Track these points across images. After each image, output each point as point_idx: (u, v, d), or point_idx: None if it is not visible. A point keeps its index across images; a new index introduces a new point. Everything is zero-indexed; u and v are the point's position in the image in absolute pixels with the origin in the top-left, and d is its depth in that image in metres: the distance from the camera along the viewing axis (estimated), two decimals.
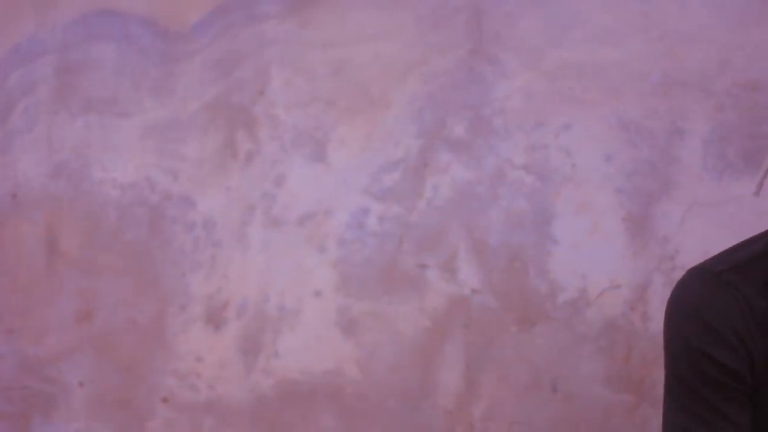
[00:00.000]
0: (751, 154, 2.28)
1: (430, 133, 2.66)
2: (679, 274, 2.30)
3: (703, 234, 2.32)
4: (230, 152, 2.90)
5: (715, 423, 1.45)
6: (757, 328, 1.44)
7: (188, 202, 2.95)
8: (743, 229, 2.27)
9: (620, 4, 2.43)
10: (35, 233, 3.17)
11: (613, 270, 2.43)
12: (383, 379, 2.69)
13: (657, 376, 2.34)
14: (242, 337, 2.86)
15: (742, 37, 2.30)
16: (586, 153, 2.47)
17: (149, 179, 3.00)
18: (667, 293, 2.29)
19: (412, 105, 2.68)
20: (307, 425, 2.77)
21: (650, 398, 2.37)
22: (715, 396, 1.45)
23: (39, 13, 3.20)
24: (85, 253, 3.09)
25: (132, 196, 3.02)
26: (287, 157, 2.82)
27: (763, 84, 2.27)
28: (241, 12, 2.91)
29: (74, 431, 3.07)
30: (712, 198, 2.32)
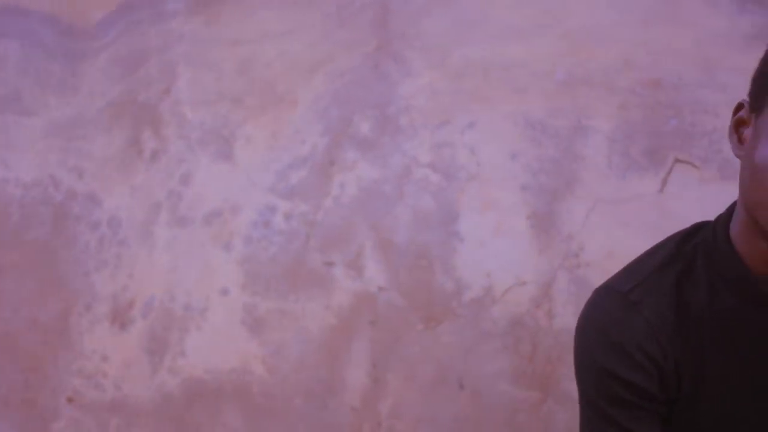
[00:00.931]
0: (655, 151, 2.27)
1: (336, 131, 2.62)
2: (583, 271, 2.28)
3: (608, 231, 2.30)
4: (136, 150, 2.82)
5: None
6: (668, 342, 1.41)
7: (93, 200, 2.87)
8: (647, 226, 2.25)
9: (525, 3, 2.41)
10: None
11: (519, 267, 2.42)
12: (290, 377, 2.64)
13: (562, 372, 2.34)
14: (148, 336, 2.80)
15: (645, 35, 2.29)
16: (491, 151, 2.46)
17: (53, 178, 2.91)
18: (572, 290, 2.27)
19: (318, 103, 2.64)
20: (214, 424, 2.71)
21: (555, 395, 2.35)
22: (622, 415, 1.42)
23: None
24: None
25: (36, 194, 2.93)
26: (193, 155, 2.75)
27: (666, 82, 2.26)
28: (146, 9, 2.86)
29: None
30: (616, 195, 2.30)
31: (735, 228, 1.38)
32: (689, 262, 1.43)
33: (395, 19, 2.56)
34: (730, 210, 1.41)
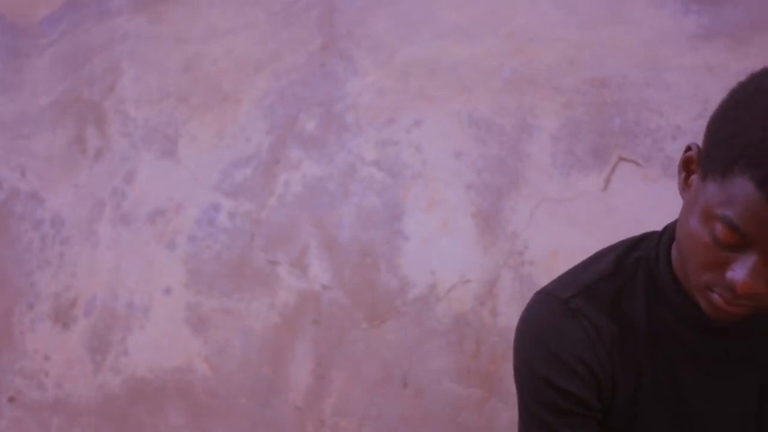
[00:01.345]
0: (599, 150, 2.22)
1: (281, 129, 2.58)
2: (528, 269, 2.24)
3: (552, 229, 2.25)
4: (79, 148, 2.74)
5: None
6: (605, 352, 1.39)
7: (36, 199, 2.78)
8: (591, 224, 2.21)
9: (471, 2, 2.36)
10: None
11: (463, 265, 2.38)
12: (233, 376, 2.59)
13: (505, 370, 2.32)
14: (91, 335, 2.72)
15: (590, 35, 2.24)
16: (436, 149, 2.41)
17: None
18: (516, 288, 2.22)
19: (264, 101, 2.58)
20: (157, 423, 2.65)
21: (499, 392, 2.32)
22: (558, 422, 1.40)
23: None
24: None
25: None
26: (137, 153, 2.68)
27: (611, 81, 2.21)
28: (92, 7, 2.78)
29: None
30: (561, 194, 2.26)
31: (675, 253, 1.36)
32: (630, 275, 1.40)
33: (341, 18, 2.51)
34: (674, 228, 1.37)
